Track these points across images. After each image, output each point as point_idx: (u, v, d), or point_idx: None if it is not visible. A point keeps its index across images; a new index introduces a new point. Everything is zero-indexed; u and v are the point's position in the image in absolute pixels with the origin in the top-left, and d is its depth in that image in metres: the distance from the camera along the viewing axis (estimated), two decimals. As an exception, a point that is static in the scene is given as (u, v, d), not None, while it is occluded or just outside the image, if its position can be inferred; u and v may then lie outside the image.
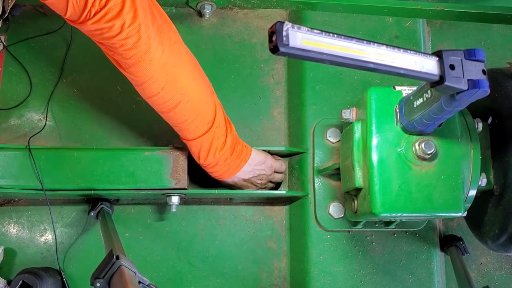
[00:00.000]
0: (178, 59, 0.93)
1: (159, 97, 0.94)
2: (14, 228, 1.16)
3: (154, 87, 0.92)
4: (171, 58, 0.91)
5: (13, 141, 1.19)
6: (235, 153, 1.05)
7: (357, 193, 0.96)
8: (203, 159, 1.03)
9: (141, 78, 0.91)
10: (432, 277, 1.13)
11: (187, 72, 0.95)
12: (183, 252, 1.18)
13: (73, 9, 0.81)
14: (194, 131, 1.00)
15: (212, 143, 1.01)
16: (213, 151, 1.02)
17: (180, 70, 0.93)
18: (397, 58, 0.61)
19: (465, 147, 0.91)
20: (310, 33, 0.56)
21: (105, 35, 0.85)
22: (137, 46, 0.86)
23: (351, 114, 0.97)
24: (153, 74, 0.91)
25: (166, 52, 0.90)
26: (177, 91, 0.94)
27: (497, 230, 0.99)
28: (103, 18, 0.82)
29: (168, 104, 0.95)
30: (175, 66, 0.92)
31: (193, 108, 0.97)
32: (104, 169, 1.08)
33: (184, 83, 0.94)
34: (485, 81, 0.65)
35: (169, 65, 0.91)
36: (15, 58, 1.24)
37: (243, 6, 1.30)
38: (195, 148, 1.03)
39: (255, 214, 1.21)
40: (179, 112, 0.97)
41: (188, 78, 0.95)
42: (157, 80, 0.91)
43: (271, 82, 1.27)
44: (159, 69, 0.90)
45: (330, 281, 1.11)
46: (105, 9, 0.81)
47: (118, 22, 0.83)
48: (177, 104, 0.95)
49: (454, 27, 1.37)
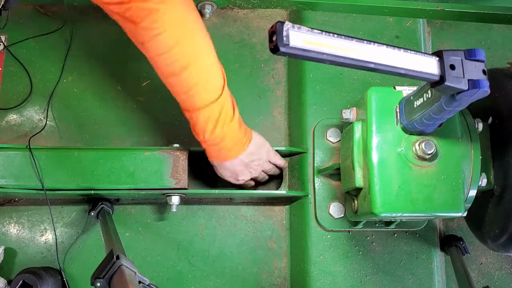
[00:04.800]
0: (195, 18, 0.89)
1: (172, 53, 0.87)
2: (15, 228, 1.17)
3: (169, 41, 0.86)
4: (189, 14, 0.88)
5: (13, 141, 1.19)
6: (243, 128, 0.99)
7: (357, 193, 0.96)
8: (210, 132, 0.95)
9: (158, 28, 0.85)
10: (432, 277, 1.13)
11: (202, 33, 0.91)
12: (183, 252, 1.18)
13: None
14: (205, 97, 0.92)
15: (221, 112, 0.94)
16: (222, 122, 0.94)
17: (196, 29, 0.89)
18: (397, 58, 0.61)
19: (465, 147, 0.91)
20: (310, 33, 0.56)
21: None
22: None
23: (351, 114, 0.97)
24: (169, 26, 0.85)
25: (184, 7, 0.86)
26: (192, 48, 0.89)
27: (497, 230, 0.99)
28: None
29: (180, 63, 0.88)
30: (192, 23, 0.88)
31: (206, 71, 0.91)
32: (105, 169, 1.08)
33: (198, 43, 0.90)
34: (486, 81, 0.65)
35: (187, 20, 0.87)
36: (15, 58, 1.24)
37: (243, 6, 1.30)
38: (203, 118, 0.94)
39: (255, 214, 1.21)
40: (191, 74, 0.89)
41: (203, 40, 0.91)
42: (173, 32, 0.86)
43: (271, 82, 1.27)
44: (178, 19, 0.86)
45: (330, 281, 1.11)
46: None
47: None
48: (189, 64, 0.89)
49: (454, 27, 1.37)
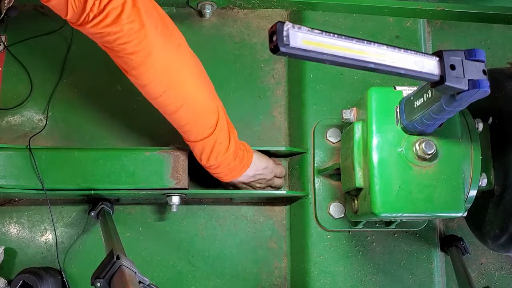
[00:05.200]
0: (180, 63, 0.92)
1: (161, 100, 0.94)
2: (15, 228, 1.17)
3: (156, 91, 0.92)
4: (174, 62, 0.91)
5: (13, 141, 1.19)
6: (238, 158, 1.05)
7: (358, 193, 0.96)
8: (205, 161, 1.03)
9: (142, 81, 0.91)
10: (433, 277, 1.13)
11: (189, 76, 0.94)
12: (184, 252, 1.18)
13: (73, 11, 0.80)
14: (196, 134, 1.00)
15: (214, 146, 1.00)
16: (215, 154, 1.01)
17: (182, 74, 0.93)
18: (397, 58, 0.61)
19: (465, 147, 0.91)
20: (310, 33, 0.56)
21: (105, 38, 0.84)
22: (138, 50, 0.85)
23: (351, 114, 0.97)
24: (154, 78, 0.90)
25: (168, 56, 0.89)
26: (179, 95, 0.93)
27: (497, 230, 0.99)
28: (102, 22, 0.80)
29: (170, 107, 0.95)
30: (177, 71, 0.91)
31: (195, 112, 0.96)
32: (105, 169, 1.08)
33: (186, 87, 0.94)
34: (486, 81, 0.65)
35: (171, 69, 0.91)
36: (15, 58, 1.24)
37: (243, 6, 1.30)
38: (197, 150, 1.02)
39: (256, 214, 1.21)
40: (180, 115, 0.96)
41: (191, 82, 0.95)
42: (158, 84, 0.91)
43: (271, 82, 1.27)
44: (161, 73, 0.90)
45: (331, 281, 1.11)
46: (103, 13, 0.79)
47: (117, 28, 0.81)
48: (179, 107, 0.95)
49: (454, 27, 1.37)
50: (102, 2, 0.79)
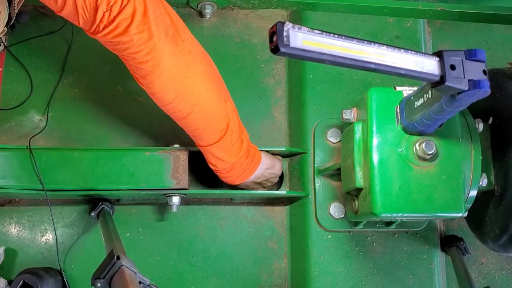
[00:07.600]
0: (190, 71, 0.92)
1: (171, 106, 0.94)
2: (15, 228, 1.17)
3: (166, 98, 0.93)
4: (183, 69, 0.90)
5: (14, 141, 1.19)
6: (250, 157, 1.06)
7: (358, 193, 0.96)
8: (217, 165, 1.04)
9: (152, 89, 0.91)
10: (433, 277, 1.13)
11: (199, 83, 0.94)
12: (184, 252, 1.18)
13: (84, 21, 0.81)
14: (207, 139, 1.00)
15: (225, 150, 1.01)
16: (228, 157, 1.02)
17: (192, 81, 0.93)
18: (397, 59, 0.61)
19: (465, 147, 0.91)
20: (310, 33, 0.56)
21: (116, 47, 0.84)
22: (147, 60, 0.85)
23: (351, 114, 0.97)
24: (164, 87, 0.90)
25: (177, 64, 0.89)
26: (188, 102, 0.94)
27: (497, 230, 0.99)
28: (112, 32, 0.81)
29: (180, 113, 0.96)
30: (187, 78, 0.91)
31: (205, 118, 0.97)
32: (105, 169, 1.08)
33: (196, 94, 0.94)
34: (486, 81, 0.65)
35: (181, 77, 0.91)
36: (16, 59, 1.24)
37: (243, 6, 1.30)
38: (209, 154, 1.03)
39: (256, 215, 1.21)
40: (190, 121, 0.97)
41: (201, 89, 0.94)
42: (168, 92, 0.91)
43: (271, 83, 1.27)
44: (170, 81, 0.90)
45: (331, 281, 1.11)
46: (113, 24, 0.80)
47: (127, 38, 0.82)
48: (188, 114, 0.95)
49: (454, 27, 1.37)
50: (112, 13, 0.79)
